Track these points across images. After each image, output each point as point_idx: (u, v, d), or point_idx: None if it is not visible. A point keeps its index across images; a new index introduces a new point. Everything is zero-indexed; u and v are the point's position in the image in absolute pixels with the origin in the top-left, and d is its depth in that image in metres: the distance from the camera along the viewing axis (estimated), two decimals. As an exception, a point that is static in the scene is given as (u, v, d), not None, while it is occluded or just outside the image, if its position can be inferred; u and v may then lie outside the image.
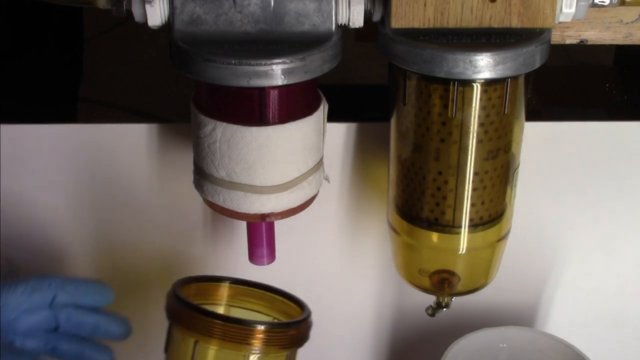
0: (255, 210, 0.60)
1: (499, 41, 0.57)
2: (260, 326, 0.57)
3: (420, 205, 0.63)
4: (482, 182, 0.61)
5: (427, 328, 0.85)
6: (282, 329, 0.59)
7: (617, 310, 0.85)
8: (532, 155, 0.68)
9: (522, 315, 0.85)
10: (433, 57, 0.56)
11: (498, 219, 0.64)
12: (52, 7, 0.75)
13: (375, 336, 0.86)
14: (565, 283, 0.83)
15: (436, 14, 0.57)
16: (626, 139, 0.75)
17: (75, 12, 0.83)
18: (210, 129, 0.58)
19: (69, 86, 0.88)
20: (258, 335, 0.57)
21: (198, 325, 0.57)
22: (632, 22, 0.67)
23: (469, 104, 0.59)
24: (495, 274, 0.67)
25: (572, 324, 0.85)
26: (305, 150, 0.60)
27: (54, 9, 0.90)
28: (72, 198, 0.79)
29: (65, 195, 0.78)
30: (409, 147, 0.62)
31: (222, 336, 0.56)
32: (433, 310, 0.69)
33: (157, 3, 0.56)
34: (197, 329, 0.57)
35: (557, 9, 0.57)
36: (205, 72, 0.55)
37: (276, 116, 0.58)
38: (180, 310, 0.58)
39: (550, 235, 0.80)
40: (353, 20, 0.58)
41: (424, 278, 0.66)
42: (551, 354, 0.76)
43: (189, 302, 0.58)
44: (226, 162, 0.59)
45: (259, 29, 0.57)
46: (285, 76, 0.55)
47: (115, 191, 0.78)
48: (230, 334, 0.56)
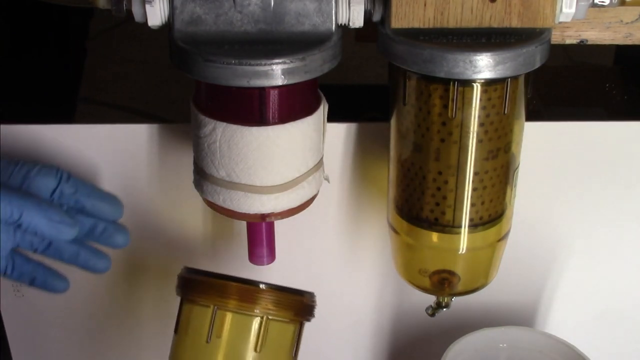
0: (255, 210, 0.60)
1: (499, 41, 0.57)
2: (272, 287, 0.62)
3: (420, 205, 0.63)
4: (482, 182, 0.61)
5: (427, 328, 0.84)
6: (292, 293, 0.63)
7: (617, 310, 0.85)
8: (532, 155, 0.68)
9: (522, 315, 0.85)
10: (433, 57, 0.56)
11: (498, 219, 0.64)
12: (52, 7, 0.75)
13: (376, 336, 0.86)
14: (565, 282, 0.83)
15: (436, 14, 0.57)
16: (626, 139, 0.75)
17: (81, 14, 0.83)
18: (210, 129, 0.58)
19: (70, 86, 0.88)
20: (270, 296, 0.61)
21: (215, 290, 0.61)
22: (632, 22, 0.67)
23: (469, 104, 0.59)
24: (495, 274, 0.67)
25: (572, 323, 0.85)
26: (305, 150, 0.60)
27: (54, 9, 0.90)
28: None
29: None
30: (409, 147, 0.62)
31: (238, 297, 0.61)
32: (433, 310, 0.69)
33: (157, 3, 0.56)
34: (215, 294, 0.61)
35: (557, 9, 0.57)
36: (205, 72, 0.55)
37: (276, 116, 0.58)
38: (197, 280, 0.62)
39: (550, 235, 0.80)
40: (353, 20, 0.58)
41: (424, 278, 0.66)
42: (551, 354, 0.76)
43: (204, 271, 0.63)
44: (226, 162, 0.59)
45: (259, 29, 0.57)
46: (285, 76, 0.55)
47: (116, 191, 0.78)
48: (245, 295, 0.61)
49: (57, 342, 0.85)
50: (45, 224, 0.55)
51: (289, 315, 0.63)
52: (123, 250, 0.81)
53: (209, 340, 0.61)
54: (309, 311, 0.64)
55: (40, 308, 0.83)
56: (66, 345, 0.86)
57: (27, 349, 0.86)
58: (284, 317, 0.62)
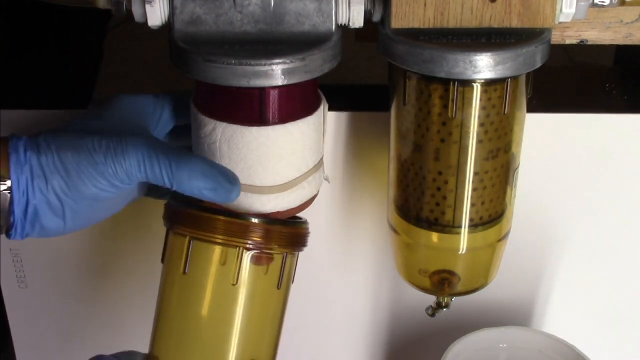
0: (255, 210, 0.60)
1: (499, 41, 0.57)
2: (255, 219, 0.59)
3: (420, 205, 0.63)
4: (482, 182, 0.61)
5: (427, 328, 0.84)
6: (280, 224, 0.60)
7: (617, 309, 0.85)
8: (526, 151, 0.68)
9: (523, 314, 0.85)
10: (433, 57, 0.56)
11: (498, 219, 0.64)
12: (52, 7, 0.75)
13: (375, 336, 0.86)
14: (565, 282, 0.83)
15: (436, 14, 0.57)
16: (626, 133, 0.75)
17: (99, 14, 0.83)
18: (210, 129, 0.58)
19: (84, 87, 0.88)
20: (256, 228, 0.58)
21: (200, 223, 0.59)
22: (632, 22, 0.67)
23: (469, 104, 0.59)
24: (495, 274, 0.67)
25: (573, 322, 0.85)
26: (306, 150, 0.60)
27: (54, 9, 0.90)
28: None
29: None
30: (409, 147, 0.62)
31: (224, 232, 0.58)
32: (433, 310, 0.69)
33: (157, 3, 0.56)
34: (199, 228, 0.59)
35: (557, 9, 0.57)
36: (205, 72, 0.55)
37: (276, 116, 0.58)
38: (180, 211, 0.59)
39: (550, 234, 0.80)
40: (353, 20, 0.58)
41: (424, 278, 0.66)
42: (551, 354, 0.77)
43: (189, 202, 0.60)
44: (226, 162, 0.59)
45: (259, 29, 0.57)
46: (285, 76, 0.55)
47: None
48: (231, 229, 0.58)
49: (60, 333, 0.86)
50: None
51: (278, 248, 0.60)
52: (123, 249, 0.82)
53: (185, 272, 0.59)
54: (301, 240, 0.61)
55: (44, 299, 0.83)
56: (69, 337, 0.86)
57: (29, 340, 0.86)
58: (274, 249, 0.60)
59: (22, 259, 0.80)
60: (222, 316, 0.60)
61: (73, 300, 0.83)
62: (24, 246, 0.80)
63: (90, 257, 0.81)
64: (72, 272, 0.82)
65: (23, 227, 0.57)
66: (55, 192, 0.56)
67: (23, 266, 0.81)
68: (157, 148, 0.57)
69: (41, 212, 0.57)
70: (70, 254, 0.81)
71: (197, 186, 0.57)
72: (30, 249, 0.80)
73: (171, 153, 0.57)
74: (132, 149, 0.57)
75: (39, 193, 0.56)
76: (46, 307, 0.84)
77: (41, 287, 0.82)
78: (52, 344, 0.86)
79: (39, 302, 0.83)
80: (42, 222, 0.57)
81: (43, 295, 0.83)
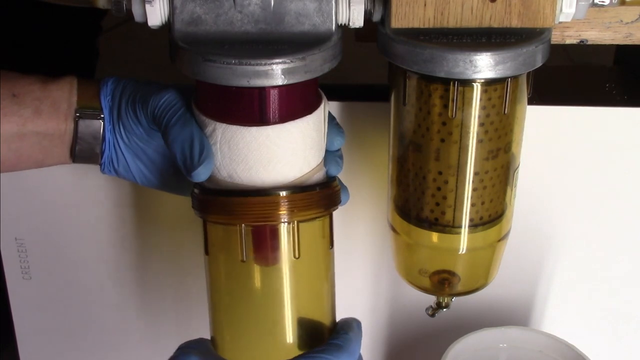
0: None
1: (499, 41, 0.57)
2: (283, 192, 0.59)
3: (420, 205, 0.63)
4: (482, 182, 0.61)
5: (427, 328, 0.84)
6: (319, 188, 0.60)
7: (617, 309, 0.85)
8: (531, 154, 0.68)
9: (522, 314, 0.85)
10: (433, 57, 0.56)
11: (498, 219, 0.64)
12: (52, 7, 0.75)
13: (375, 336, 0.86)
14: (565, 282, 0.83)
15: (436, 14, 0.57)
16: (626, 128, 0.75)
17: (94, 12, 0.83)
18: (211, 130, 0.58)
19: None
20: (289, 202, 0.59)
21: (233, 208, 0.59)
22: (632, 22, 0.67)
23: (469, 103, 0.59)
24: (495, 274, 0.67)
25: (573, 322, 0.85)
26: (307, 149, 0.60)
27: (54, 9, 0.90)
28: (74, 197, 0.79)
29: (67, 195, 0.78)
30: (409, 147, 0.62)
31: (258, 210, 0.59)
32: (433, 311, 0.69)
33: (157, 3, 0.56)
34: (232, 212, 0.59)
35: (557, 9, 0.57)
36: (205, 72, 0.55)
37: (276, 116, 0.57)
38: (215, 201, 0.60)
39: (550, 234, 0.80)
40: (353, 20, 0.58)
41: (424, 278, 0.66)
42: (551, 354, 0.77)
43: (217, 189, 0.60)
44: (227, 163, 0.59)
45: (259, 29, 0.57)
46: (286, 76, 0.55)
47: (118, 188, 0.78)
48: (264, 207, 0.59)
49: (64, 326, 0.86)
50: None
51: (313, 213, 0.60)
52: (123, 249, 0.82)
53: (244, 259, 0.60)
54: (333, 200, 0.62)
55: (48, 291, 0.83)
56: (72, 330, 0.86)
57: (33, 333, 0.86)
58: (311, 216, 0.60)
59: (27, 249, 0.80)
60: (289, 291, 0.61)
61: (77, 293, 0.83)
62: (29, 236, 0.80)
63: (95, 250, 0.81)
64: (76, 264, 0.82)
65: (110, 159, 0.64)
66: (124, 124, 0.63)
67: (28, 257, 0.81)
68: (171, 105, 0.61)
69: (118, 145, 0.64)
70: (75, 245, 0.81)
71: (173, 153, 0.59)
72: (35, 240, 0.80)
73: (174, 114, 0.60)
74: (168, 94, 0.61)
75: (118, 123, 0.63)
76: (50, 299, 0.84)
77: (45, 278, 0.82)
78: (55, 337, 0.86)
79: (43, 294, 0.83)
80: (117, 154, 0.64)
81: (47, 287, 0.83)
